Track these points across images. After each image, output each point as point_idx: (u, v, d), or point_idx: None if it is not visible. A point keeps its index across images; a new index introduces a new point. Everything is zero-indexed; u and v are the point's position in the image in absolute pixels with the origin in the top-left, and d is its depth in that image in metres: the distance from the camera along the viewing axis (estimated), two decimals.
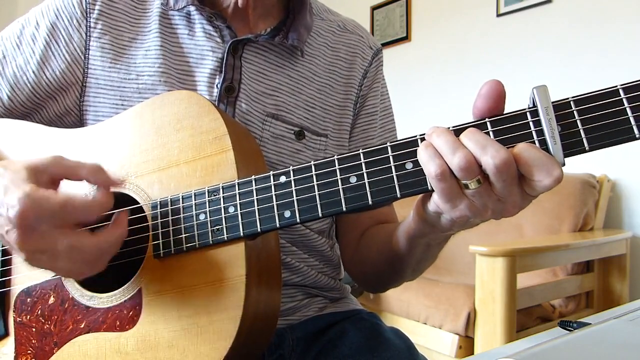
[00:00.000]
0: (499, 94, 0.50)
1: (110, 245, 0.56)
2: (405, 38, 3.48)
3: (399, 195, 0.52)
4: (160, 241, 0.60)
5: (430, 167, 0.49)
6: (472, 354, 1.90)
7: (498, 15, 2.92)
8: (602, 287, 2.33)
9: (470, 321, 1.89)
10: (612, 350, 0.40)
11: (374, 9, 3.70)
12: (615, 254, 2.26)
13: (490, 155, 0.47)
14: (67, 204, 0.51)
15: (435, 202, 0.52)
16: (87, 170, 0.56)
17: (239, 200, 0.57)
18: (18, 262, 0.69)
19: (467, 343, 1.94)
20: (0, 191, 0.53)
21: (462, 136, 0.49)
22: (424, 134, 0.52)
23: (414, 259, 0.71)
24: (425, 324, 2.10)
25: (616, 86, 0.47)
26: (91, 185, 0.58)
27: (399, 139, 0.53)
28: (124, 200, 0.64)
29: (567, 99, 0.48)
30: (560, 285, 2.14)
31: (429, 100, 3.30)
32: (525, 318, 1.97)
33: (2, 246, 0.70)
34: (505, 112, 0.50)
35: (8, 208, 0.51)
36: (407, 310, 2.20)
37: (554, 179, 0.47)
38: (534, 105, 0.49)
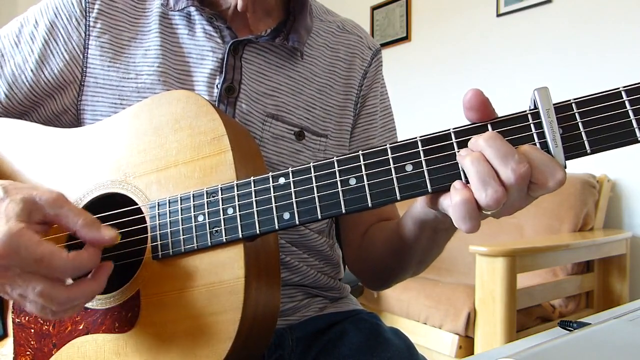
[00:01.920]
0: (482, 103, 0.49)
1: (83, 298, 0.55)
2: (405, 38, 3.48)
3: (398, 198, 0.51)
4: (159, 242, 0.60)
5: (463, 227, 0.49)
6: (472, 354, 1.90)
7: (498, 15, 2.92)
8: (602, 287, 2.33)
9: (470, 321, 1.89)
10: (612, 350, 0.39)
11: (374, 9, 3.70)
12: (615, 254, 2.26)
13: (510, 168, 0.46)
14: (45, 258, 0.51)
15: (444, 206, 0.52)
16: (80, 224, 0.55)
17: (238, 201, 0.57)
18: None
19: (467, 343, 1.95)
20: None
21: (482, 140, 0.48)
22: (424, 136, 0.52)
23: (420, 246, 0.71)
24: (425, 324, 2.11)
25: (618, 88, 0.47)
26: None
27: (399, 140, 0.53)
28: (122, 201, 0.64)
29: (569, 101, 0.48)
30: (560, 285, 2.14)
31: (429, 100, 3.30)
32: (525, 318, 1.98)
33: None
34: (506, 114, 0.50)
35: None
36: (407, 310, 2.20)
37: (556, 182, 0.47)
38: (535, 107, 0.49)
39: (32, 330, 0.65)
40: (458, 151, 0.50)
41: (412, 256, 0.75)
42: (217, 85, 0.75)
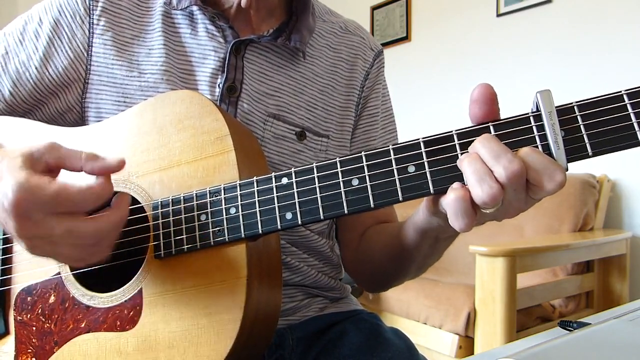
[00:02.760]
0: (490, 97, 0.50)
1: (109, 228, 0.54)
2: (405, 38, 3.48)
3: (401, 199, 0.52)
4: (161, 242, 0.60)
5: (455, 225, 0.49)
6: (472, 354, 1.90)
7: (498, 15, 2.92)
8: (602, 287, 2.33)
9: (470, 321, 1.89)
10: (612, 350, 0.40)
11: (374, 9, 3.70)
12: (615, 254, 2.26)
13: (502, 165, 0.47)
14: (60, 192, 0.50)
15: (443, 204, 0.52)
16: (83, 159, 0.54)
17: (241, 201, 0.57)
18: (18, 261, 0.69)
19: (467, 343, 1.95)
20: None
21: (477, 142, 0.48)
22: (427, 137, 0.52)
23: (421, 253, 0.71)
24: (425, 324, 2.11)
25: (620, 91, 0.47)
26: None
27: (401, 142, 0.53)
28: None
29: (571, 103, 0.48)
30: (560, 285, 2.14)
31: (429, 100, 3.30)
32: (525, 318, 1.98)
33: (4, 234, 0.70)
34: (508, 116, 0.50)
35: (3, 196, 0.51)
36: (407, 310, 2.20)
37: (557, 184, 0.47)
38: (537, 110, 0.49)
39: (34, 328, 0.66)
40: (460, 153, 0.51)
41: (412, 263, 0.75)
42: (218, 85, 0.75)
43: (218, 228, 0.58)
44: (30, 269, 0.67)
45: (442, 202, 0.52)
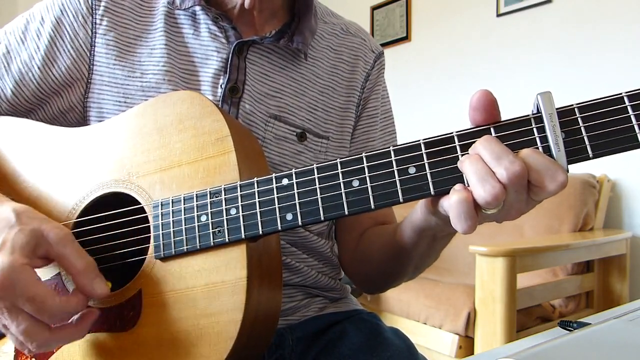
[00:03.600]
0: (490, 104, 0.50)
1: (64, 341, 0.58)
2: (405, 38, 3.48)
3: (401, 200, 0.52)
4: (162, 242, 0.60)
5: (458, 227, 0.49)
6: (472, 354, 1.90)
7: (498, 15, 2.92)
8: (602, 287, 2.34)
9: (470, 321, 1.90)
10: (612, 350, 0.40)
11: (374, 9, 3.70)
12: (615, 254, 2.26)
13: (504, 166, 0.46)
14: (37, 299, 0.53)
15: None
16: (79, 269, 0.56)
17: (241, 202, 0.57)
18: None
19: (467, 343, 1.95)
20: None
21: (478, 143, 0.48)
22: (427, 139, 0.52)
23: (418, 252, 0.71)
24: (425, 324, 2.11)
25: (621, 93, 0.47)
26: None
27: (401, 143, 0.53)
28: (125, 200, 0.64)
29: (572, 105, 0.48)
30: (560, 285, 2.14)
31: (429, 100, 3.30)
32: (525, 318, 1.98)
33: None
34: (509, 118, 0.50)
35: None
36: (407, 310, 2.20)
37: (558, 184, 0.47)
38: (538, 111, 0.49)
39: None
40: (461, 154, 0.51)
41: (410, 262, 0.75)
42: (221, 85, 0.75)
43: (218, 228, 0.58)
44: None
45: (442, 204, 0.52)
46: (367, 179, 0.53)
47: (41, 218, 0.59)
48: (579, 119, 0.48)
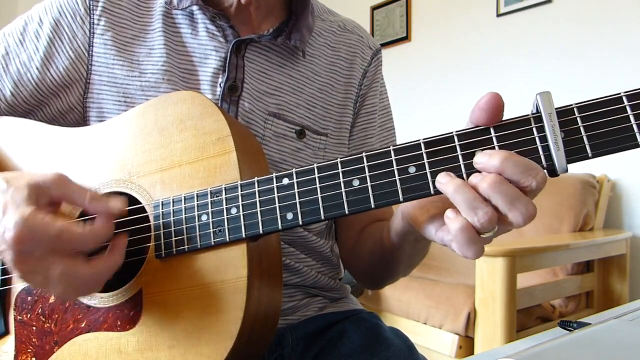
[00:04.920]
0: (498, 107, 0.50)
1: (104, 273, 0.56)
2: (405, 38, 3.48)
3: (401, 199, 0.52)
4: (162, 241, 0.60)
5: (468, 253, 0.49)
6: (472, 354, 1.90)
7: (498, 15, 2.92)
8: (602, 287, 2.34)
9: (470, 321, 1.90)
10: (612, 350, 0.40)
11: (374, 9, 3.70)
12: (615, 254, 2.26)
13: (519, 211, 0.47)
14: (63, 232, 0.52)
15: (444, 240, 0.53)
16: (87, 197, 0.56)
17: (242, 201, 0.57)
18: None
19: (467, 343, 1.95)
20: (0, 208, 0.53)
21: (486, 187, 0.48)
22: (427, 138, 0.52)
23: (405, 254, 0.72)
24: (425, 324, 2.11)
25: (619, 93, 0.47)
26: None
27: (401, 143, 0.53)
28: (127, 199, 0.64)
29: (571, 105, 0.48)
30: (560, 285, 2.14)
31: (429, 100, 3.30)
32: (525, 318, 1.98)
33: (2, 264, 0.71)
34: (508, 118, 0.50)
35: (5, 230, 0.52)
36: (407, 310, 2.20)
37: (540, 182, 0.47)
38: (537, 111, 0.49)
39: (34, 328, 0.66)
40: (461, 154, 0.51)
41: (399, 264, 0.76)
42: (220, 84, 0.75)
43: (219, 228, 0.58)
44: None
45: (442, 237, 0.53)
46: (368, 178, 0.53)
47: (30, 173, 0.58)
48: (578, 118, 0.48)
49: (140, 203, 0.63)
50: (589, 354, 0.38)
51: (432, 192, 0.51)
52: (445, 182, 0.49)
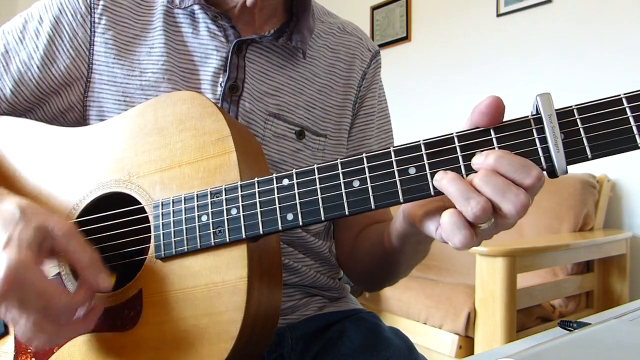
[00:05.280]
0: (499, 111, 0.50)
1: (70, 336, 0.58)
2: (405, 38, 3.48)
3: (401, 200, 0.52)
4: (162, 242, 0.60)
5: (454, 239, 0.49)
6: (472, 354, 1.90)
7: (498, 15, 2.92)
8: (602, 287, 2.34)
9: (470, 321, 1.90)
10: (612, 350, 0.40)
11: (374, 9, 3.70)
12: (615, 254, 2.26)
13: (510, 201, 0.47)
14: (45, 296, 0.53)
15: (443, 237, 0.53)
16: (84, 263, 0.57)
17: (242, 202, 0.57)
18: None
19: (467, 343, 1.95)
20: (3, 237, 0.55)
21: (477, 180, 0.48)
22: (427, 139, 0.52)
23: (406, 256, 0.72)
24: (425, 324, 2.11)
25: (619, 95, 0.48)
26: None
27: (402, 144, 0.53)
28: (126, 200, 0.64)
29: (571, 107, 0.49)
30: (560, 285, 2.14)
31: (428, 100, 3.30)
32: (525, 318, 1.98)
33: None
34: (508, 119, 0.50)
35: None
36: (407, 310, 2.20)
37: (533, 179, 0.47)
38: (538, 112, 0.49)
39: None
40: (461, 155, 0.51)
41: (399, 265, 0.76)
42: (220, 84, 0.75)
43: (219, 228, 0.58)
44: None
45: (437, 233, 0.54)
46: (368, 179, 0.53)
47: (45, 213, 0.59)
48: (578, 120, 0.48)
49: (140, 203, 0.63)
50: (589, 354, 0.38)
51: (432, 193, 0.51)
52: (440, 177, 0.50)
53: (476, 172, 0.49)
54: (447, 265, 2.53)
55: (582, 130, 0.48)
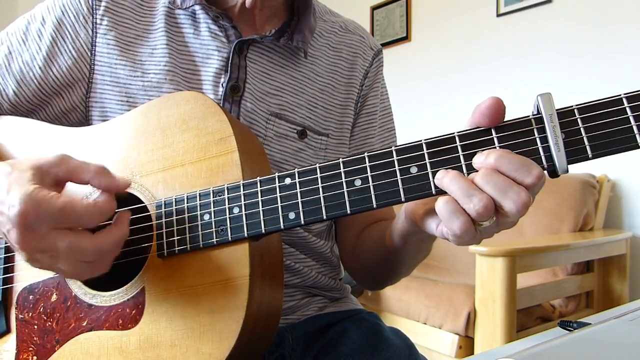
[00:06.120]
0: (500, 112, 0.50)
1: (111, 246, 0.55)
2: (405, 38, 3.48)
3: (403, 199, 0.52)
4: (165, 241, 0.61)
5: (453, 226, 0.49)
6: (472, 354, 1.90)
7: (498, 15, 2.92)
8: (602, 287, 2.34)
9: (470, 321, 1.90)
10: (612, 350, 0.40)
11: (374, 9, 3.70)
12: (615, 254, 2.26)
13: (511, 199, 0.47)
14: (67, 207, 0.51)
15: (444, 233, 0.53)
16: (92, 172, 0.56)
17: (244, 201, 0.58)
18: (21, 259, 0.69)
19: (467, 343, 1.95)
20: (4, 189, 0.53)
21: (478, 178, 0.49)
22: (429, 139, 0.52)
23: (408, 255, 0.72)
24: (425, 324, 2.11)
25: (620, 95, 0.48)
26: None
27: (403, 143, 0.53)
28: (129, 199, 0.64)
29: (571, 106, 0.49)
30: (560, 285, 2.14)
31: (429, 100, 3.30)
32: (525, 318, 1.98)
33: (5, 244, 0.71)
34: (509, 119, 0.51)
35: (9, 207, 0.51)
36: (407, 310, 2.20)
37: (534, 178, 0.48)
38: (538, 112, 0.49)
39: (35, 327, 0.66)
40: (462, 154, 0.51)
41: (401, 264, 0.76)
42: (222, 84, 0.75)
43: (221, 227, 0.58)
44: (33, 268, 0.67)
45: (438, 230, 0.54)
46: (369, 178, 0.53)
47: (34, 157, 0.57)
48: (578, 119, 0.49)
49: (143, 202, 0.63)
50: (589, 354, 0.38)
51: (433, 192, 0.51)
52: (442, 176, 0.50)
53: (477, 171, 0.50)
54: (447, 265, 2.53)
55: (582, 130, 0.48)
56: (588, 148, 0.48)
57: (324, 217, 0.54)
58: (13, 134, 0.75)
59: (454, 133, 0.52)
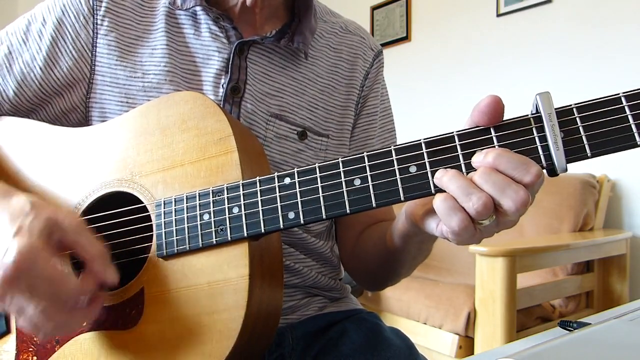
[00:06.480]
0: (499, 111, 0.50)
1: (77, 323, 0.57)
2: (405, 38, 3.48)
3: (402, 199, 0.52)
4: (164, 240, 0.61)
5: (452, 223, 0.50)
6: (472, 354, 1.90)
7: (498, 15, 2.92)
8: (602, 287, 2.34)
9: (470, 321, 1.90)
10: (612, 350, 0.40)
11: (374, 9, 3.70)
12: (615, 254, 2.26)
13: (510, 198, 0.47)
14: (55, 280, 0.53)
15: (443, 232, 0.53)
16: (95, 254, 0.57)
17: (243, 201, 0.58)
18: None
19: (467, 343, 1.95)
20: (14, 227, 0.54)
21: (477, 177, 0.49)
22: (428, 138, 0.52)
23: (409, 256, 0.72)
24: (425, 324, 2.11)
25: (618, 94, 0.48)
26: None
27: (402, 142, 0.53)
28: (128, 199, 0.64)
29: (570, 105, 0.49)
30: (560, 285, 2.14)
31: (429, 100, 3.30)
32: (525, 318, 1.98)
33: None
34: (508, 118, 0.51)
35: (8, 249, 0.53)
36: (407, 310, 2.20)
37: (533, 176, 0.48)
38: (537, 111, 0.50)
39: None
40: (461, 153, 0.51)
41: (402, 265, 0.76)
42: (222, 85, 0.75)
43: (220, 227, 0.58)
44: None
45: (438, 230, 0.54)
46: (369, 177, 0.53)
47: (54, 206, 0.59)
48: (577, 118, 0.49)
49: (142, 202, 0.63)
50: (589, 354, 0.38)
51: (432, 191, 0.51)
52: (441, 175, 0.50)
53: (476, 170, 0.50)
54: (447, 265, 2.53)
55: (581, 129, 0.48)
56: (587, 147, 0.48)
57: (324, 216, 0.54)
58: (13, 135, 0.75)
59: (453, 132, 0.52)
